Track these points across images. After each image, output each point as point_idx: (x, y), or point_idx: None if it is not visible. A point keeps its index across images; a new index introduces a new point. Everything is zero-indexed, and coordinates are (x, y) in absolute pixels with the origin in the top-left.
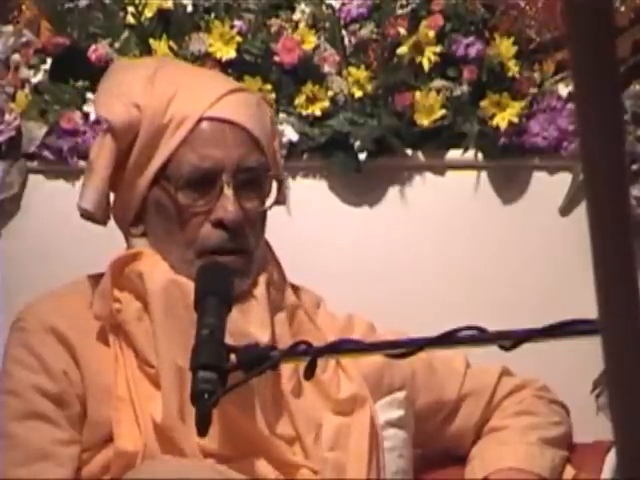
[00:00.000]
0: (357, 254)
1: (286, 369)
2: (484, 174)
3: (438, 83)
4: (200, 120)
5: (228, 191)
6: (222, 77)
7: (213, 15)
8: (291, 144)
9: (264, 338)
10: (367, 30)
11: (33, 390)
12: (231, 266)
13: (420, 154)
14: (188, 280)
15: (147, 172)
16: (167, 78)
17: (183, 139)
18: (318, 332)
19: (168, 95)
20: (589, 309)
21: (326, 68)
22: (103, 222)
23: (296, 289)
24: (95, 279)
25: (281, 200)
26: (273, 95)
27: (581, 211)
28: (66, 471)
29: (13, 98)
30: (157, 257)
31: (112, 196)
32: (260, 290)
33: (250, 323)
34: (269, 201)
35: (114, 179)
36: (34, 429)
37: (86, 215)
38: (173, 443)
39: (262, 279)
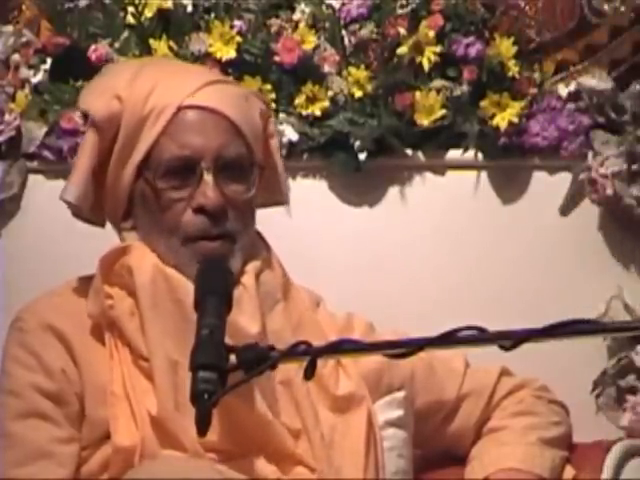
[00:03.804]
0: (357, 254)
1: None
2: (484, 174)
3: (438, 83)
4: (179, 109)
5: (208, 177)
6: (206, 70)
7: (213, 15)
8: (291, 144)
9: (253, 329)
10: (367, 30)
11: (32, 389)
12: (216, 252)
13: (420, 154)
14: (176, 272)
15: (130, 164)
16: (149, 72)
17: (163, 129)
18: (317, 326)
19: (149, 87)
20: (589, 309)
21: (326, 68)
22: (98, 223)
23: (296, 288)
24: (91, 278)
25: (282, 200)
26: (273, 95)
27: (581, 211)
28: (66, 470)
29: (13, 98)
30: (145, 249)
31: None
32: (249, 280)
33: (239, 314)
34: (253, 189)
35: (102, 174)
36: (33, 428)
37: (75, 212)
38: (171, 435)
39: (251, 268)
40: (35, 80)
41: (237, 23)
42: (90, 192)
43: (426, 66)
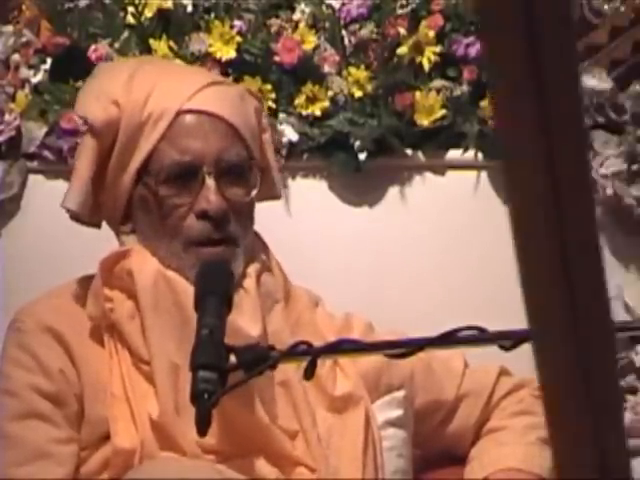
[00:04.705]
0: (357, 254)
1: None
2: (484, 174)
3: (438, 83)
4: (178, 113)
5: (210, 182)
6: (203, 71)
7: (213, 15)
8: (291, 144)
9: (254, 331)
10: (367, 30)
11: (30, 390)
12: (220, 257)
13: (420, 154)
14: (177, 275)
15: (129, 169)
16: (146, 75)
17: (162, 134)
18: (315, 326)
19: (146, 91)
20: None
21: (326, 68)
22: (95, 224)
23: (294, 288)
24: (90, 279)
25: (275, 194)
26: (273, 95)
27: None
28: (65, 470)
29: (13, 98)
30: (146, 253)
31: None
32: (250, 282)
33: (240, 316)
34: (254, 191)
35: (100, 179)
36: (32, 428)
37: (74, 216)
38: (171, 439)
39: (252, 271)
40: (35, 80)
41: (237, 23)
42: (90, 198)
43: (426, 66)
